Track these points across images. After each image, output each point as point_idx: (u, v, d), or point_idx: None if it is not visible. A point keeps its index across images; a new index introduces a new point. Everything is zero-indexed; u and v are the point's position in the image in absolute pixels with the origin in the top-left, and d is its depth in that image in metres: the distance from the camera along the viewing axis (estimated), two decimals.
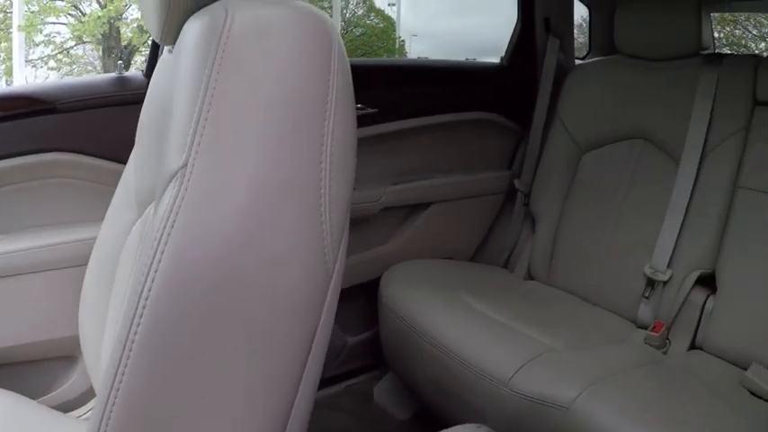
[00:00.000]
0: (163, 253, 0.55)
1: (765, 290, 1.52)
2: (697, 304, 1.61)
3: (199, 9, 0.68)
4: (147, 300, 0.54)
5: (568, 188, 1.91)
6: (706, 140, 1.65)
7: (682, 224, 1.64)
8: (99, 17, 10.89)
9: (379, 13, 16.33)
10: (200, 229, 0.55)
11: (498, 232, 2.11)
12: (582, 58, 2.38)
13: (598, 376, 1.29)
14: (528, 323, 1.55)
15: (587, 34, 2.38)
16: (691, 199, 1.65)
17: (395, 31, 16.35)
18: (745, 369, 1.45)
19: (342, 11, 15.63)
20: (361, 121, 1.68)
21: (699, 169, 1.65)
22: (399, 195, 1.84)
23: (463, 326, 1.50)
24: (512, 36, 2.07)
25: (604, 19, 2.15)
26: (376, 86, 1.77)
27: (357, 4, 16.14)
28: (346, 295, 1.76)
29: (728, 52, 1.93)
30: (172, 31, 0.72)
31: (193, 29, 0.64)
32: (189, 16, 0.69)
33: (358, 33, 16.08)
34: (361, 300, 1.85)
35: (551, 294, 1.83)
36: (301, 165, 0.59)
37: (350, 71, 0.66)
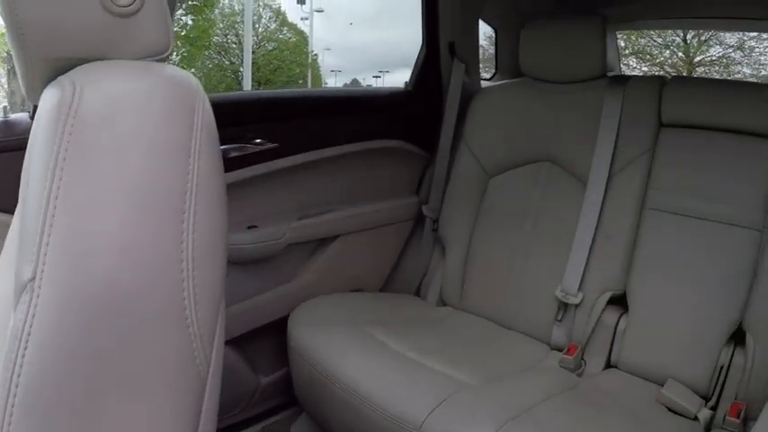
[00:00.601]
0: (22, 364, 0.49)
1: (674, 307, 1.55)
2: (609, 325, 1.63)
3: (55, 77, 0.61)
4: (15, 397, 0.49)
5: (477, 212, 1.90)
6: (612, 163, 1.67)
7: (591, 247, 1.66)
8: (2, 34, 10.42)
9: (292, 27, 16.30)
10: (52, 341, 0.50)
11: (409, 259, 2.08)
12: (489, 79, 2.40)
13: (513, 412, 1.27)
14: (440, 358, 1.51)
15: None
16: (599, 221, 1.66)
17: (307, 45, 16.34)
18: (662, 385, 1.48)
19: (254, 25, 15.53)
20: (262, 156, 1.65)
21: (606, 191, 1.67)
22: (305, 231, 1.78)
23: (373, 366, 1.45)
24: (416, 61, 2.04)
25: (511, 40, 2.16)
26: (276, 119, 1.71)
27: (270, 18, 16.05)
28: (257, 335, 1.72)
29: (634, 74, 1.97)
30: (35, 92, 0.65)
31: (44, 103, 0.58)
32: (47, 83, 0.62)
33: (270, 48, 16.00)
34: (272, 339, 1.78)
35: (464, 321, 1.82)
36: (159, 266, 0.53)
37: (217, 139, 0.60)
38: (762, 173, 1.54)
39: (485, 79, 2.36)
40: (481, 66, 2.20)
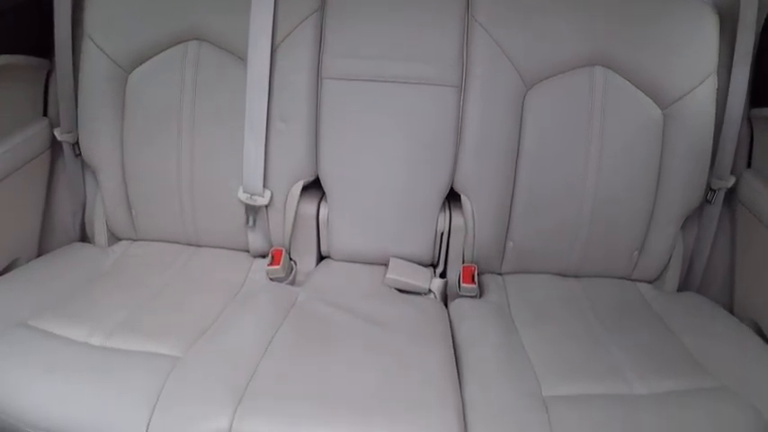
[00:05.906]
0: None
1: (375, 181, 1.47)
2: (310, 215, 1.50)
3: None
4: None
5: (122, 120, 1.52)
6: (274, 30, 1.40)
7: (266, 135, 1.43)
8: None
9: None
10: None
11: (61, 200, 1.66)
12: None
13: (240, 386, 1.05)
14: (132, 328, 1.20)
15: None
16: (270, 104, 1.42)
17: None
18: (386, 266, 1.48)
19: None
20: None
21: (271, 66, 1.41)
22: None
23: (48, 386, 1.06)
24: None
25: None
26: None
27: None
28: None
29: None
30: None
31: None
32: None
33: None
34: None
35: (145, 254, 1.53)
36: None
37: None
38: (454, 24, 1.41)
39: None
40: None
